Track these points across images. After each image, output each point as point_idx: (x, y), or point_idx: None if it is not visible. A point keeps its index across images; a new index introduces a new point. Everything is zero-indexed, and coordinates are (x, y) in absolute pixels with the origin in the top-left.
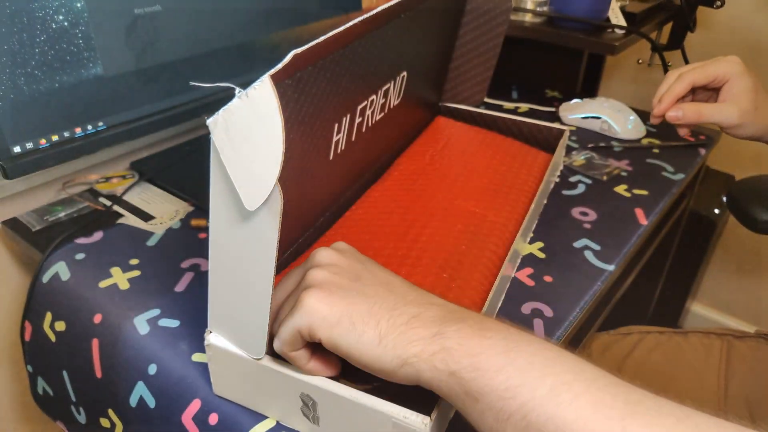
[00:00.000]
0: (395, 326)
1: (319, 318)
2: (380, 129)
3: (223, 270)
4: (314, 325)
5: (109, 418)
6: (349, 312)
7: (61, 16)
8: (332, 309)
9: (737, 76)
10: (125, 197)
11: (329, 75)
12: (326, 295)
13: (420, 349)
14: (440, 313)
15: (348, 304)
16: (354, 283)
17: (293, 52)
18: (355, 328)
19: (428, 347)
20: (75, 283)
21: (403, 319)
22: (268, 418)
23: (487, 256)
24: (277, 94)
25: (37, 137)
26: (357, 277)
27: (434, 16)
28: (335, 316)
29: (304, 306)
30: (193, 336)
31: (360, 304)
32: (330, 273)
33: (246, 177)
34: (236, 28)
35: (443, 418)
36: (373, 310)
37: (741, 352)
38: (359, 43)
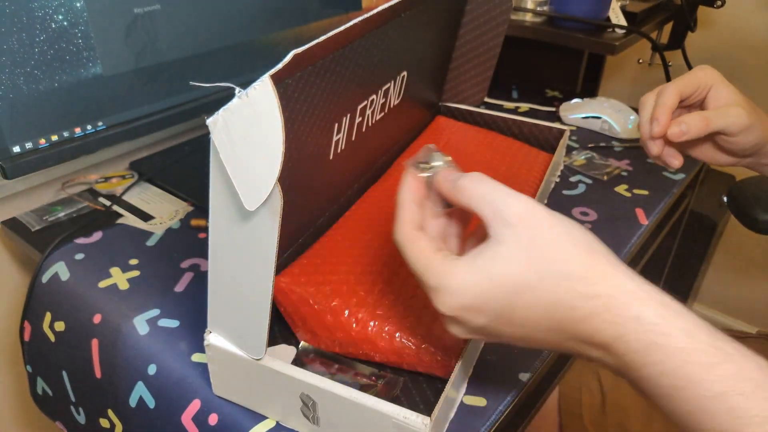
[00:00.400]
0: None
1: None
2: (380, 129)
3: (222, 270)
4: None
5: (109, 419)
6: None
7: (60, 16)
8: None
9: (720, 81)
10: (125, 197)
11: (329, 75)
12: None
13: None
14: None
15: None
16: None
17: (293, 52)
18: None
19: None
20: (74, 283)
21: None
22: (267, 418)
23: None
24: (277, 94)
25: (36, 137)
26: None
27: (434, 15)
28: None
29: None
30: (193, 336)
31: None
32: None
33: (246, 177)
34: (236, 28)
35: (443, 419)
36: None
37: None
38: (359, 43)
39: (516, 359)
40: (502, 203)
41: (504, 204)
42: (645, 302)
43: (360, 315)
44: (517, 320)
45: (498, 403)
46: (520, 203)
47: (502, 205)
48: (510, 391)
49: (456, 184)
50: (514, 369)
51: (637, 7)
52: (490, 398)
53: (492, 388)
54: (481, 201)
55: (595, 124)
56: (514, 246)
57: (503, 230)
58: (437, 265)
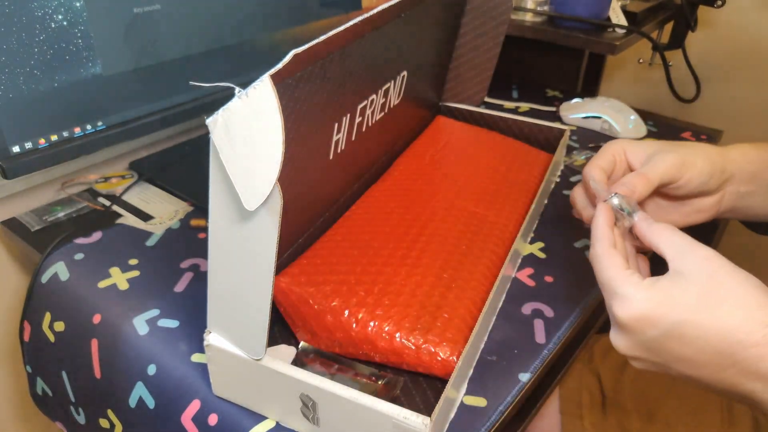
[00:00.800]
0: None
1: None
2: (380, 129)
3: (222, 270)
4: None
5: (109, 419)
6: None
7: (60, 16)
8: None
9: (629, 143)
10: (124, 197)
11: (329, 75)
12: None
13: None
14: None
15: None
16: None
17: (293, 52)
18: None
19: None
20: (74, 284)
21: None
22: (267, 418)
23: (487, 256)
24: (277, 93)
25: (36, 137)
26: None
27: (434, 15)
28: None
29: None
30: (193, 336)
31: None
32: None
33: (246, 177)
34: (236, 28)
35: (443, 419)
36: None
37: None
38: (359, 43)
39: (516, 360)
40: (688, 248)
41: (690, 248)
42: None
43: (360, 315)
44: (687, 338)
45: (498, 404)
46: (705, 250)
47: (688, 249)
48: (510, 392)
49: (652, 226)
50: (515, 369)
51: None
52: (490, 398)
53: (492, 389)
54: (669, 243)
55: (596, 123)
56: (694, 277)
57: (685, 264)
58: (626, 277)
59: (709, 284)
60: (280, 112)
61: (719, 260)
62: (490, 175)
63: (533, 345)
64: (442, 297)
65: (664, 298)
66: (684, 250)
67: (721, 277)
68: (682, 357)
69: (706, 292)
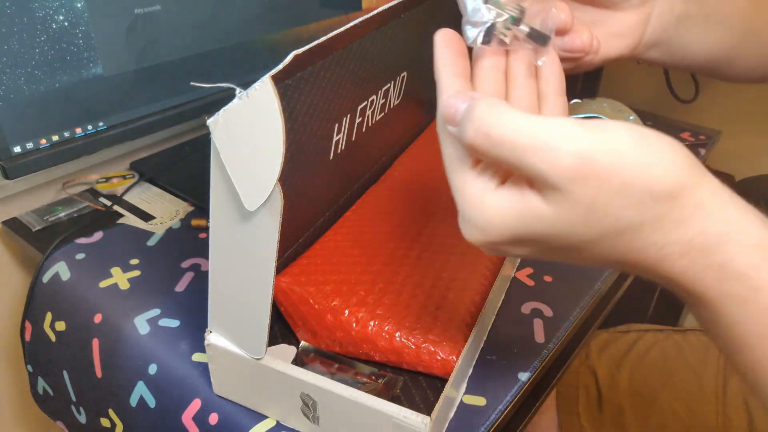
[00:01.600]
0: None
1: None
2: (380, 129)
3: (223, 270)
4: None
5: (110, 418)
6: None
7: (61, 16)
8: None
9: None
10: (125, 197)
11: (329, 75)
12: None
13: None
14: None
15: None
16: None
17: (294, 53)
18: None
19: None
20: (75, 283)
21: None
22: (268, 417)
23: (487, 255)
24: (278, 94)
25: (37, 137)
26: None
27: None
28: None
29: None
30: (194, 336)
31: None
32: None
33: (246, 177)
34: (236, 28)
35: (443, 418)
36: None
37: None
38: (359, 44)
39: (515, 359)
40: (548, 155)
41: (552, 156)
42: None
43: (360, 314)
44: (572, 248)
45: (498, 403)
46: (572, 155)
47: (547, 161)
48: (510, 391)
49: (491, 135)
50: (514, 368)
51: None
52: (489, 398)
53: (492, 388)
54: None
55: None
56: (564, 215)
57: (551, 194)
58: (471, 194)
59: (587, 221)
60: (281, 112)
61: (592, 174)
62: None
63: (533, 344)
64: (442, 297)
65: (522, 231)
66: (543, 171)
67: (602, 206)
68: (573, 257)
69: (582, 232)
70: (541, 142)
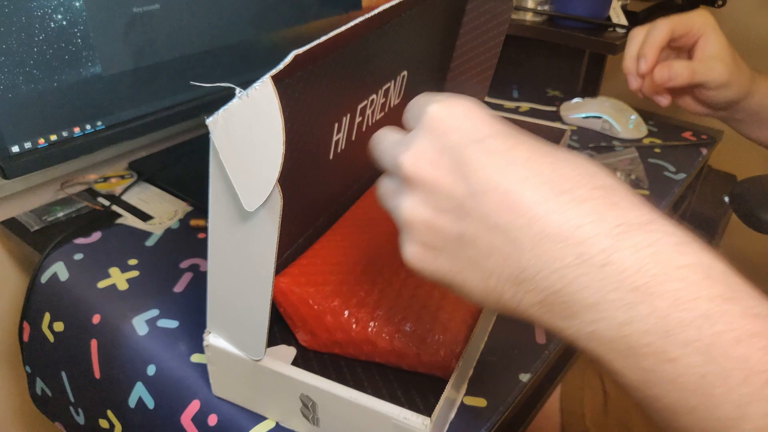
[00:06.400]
0: (525, 308)
1: (425, 273)
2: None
3: (222, 271)
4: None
5: (108, 419)
6: (460, 282)
7: (59, 15)
8: (437, 272)
9: (713, 29)
10: (124, 197)
11: (330, 74)
12: (427, 258)
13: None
14: (590, 290)
15: (456, 273)
16: (458, 233)
17: (294, 53)
18: (470, 294)
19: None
20: (73, 284)
21: (535, 299)
22: (267, 419)
23: None
24: (278, 94)
25: (35, 137)
26: (462, 215)
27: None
28: (443, 279)
29: (407, 261)
30: (192, 336)
31: (471, 276)
32: (425, 216)
33: (245, 177)
34: (236, 27)
35: (443, 419)
36: (489, 285)
37: None
38: (360, 43)
39: (516, 360)
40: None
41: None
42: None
43: (360, 315)
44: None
45: (498, 404)
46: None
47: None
48: (510, 392)
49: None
50: (515, 369)
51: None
52: (490, 399)
53: (492, 389)
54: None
55: (596, 123)
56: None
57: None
58: None
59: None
60: (281, 112)
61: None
62: None
63: (534, 345)
64: (443, 297)
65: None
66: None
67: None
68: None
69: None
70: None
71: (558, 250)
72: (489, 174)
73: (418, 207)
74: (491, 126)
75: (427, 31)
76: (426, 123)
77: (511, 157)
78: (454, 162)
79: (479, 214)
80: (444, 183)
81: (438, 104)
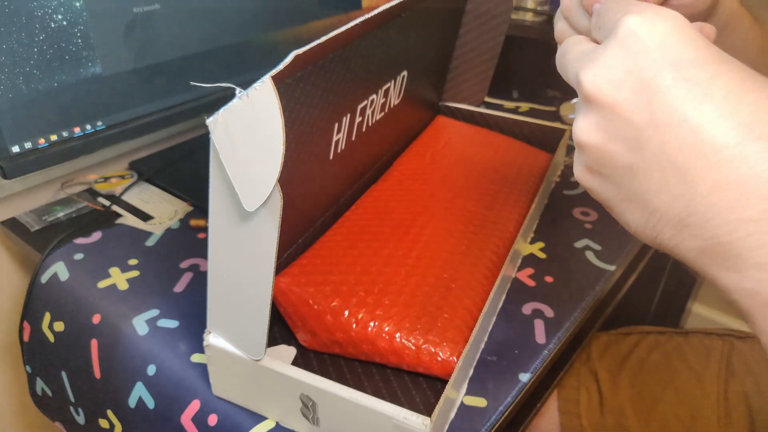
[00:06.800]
0: (681, 251)
1: (590, 193)
2: (380, 129)
3: (222, 271)
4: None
5: (108, 419)
6: (620, 211)
7: (59, 15)
8: (600, 195)
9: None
10: (124, 197)
11: (330, 74)
12: (593, 181)
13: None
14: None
15: (619, 202)
16: (629, 164)
17: (294, 53)
18: (627, 224)
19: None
20: (74, 284)
21: (695, 245)
22: (267, 418)
23: (487, 256)
24: (278, 94)
25: (35, 137)
26: (638, 146)
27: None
28: (605, 203)
29: (576, 178)
30: (193, 336)
31: (633, 208)
32: (597, 141)
33: (246, 177)
34: (236, 28)
35: (443, 419)
36: (650, 222)
37: (742, 352)
38: (360, 43)
39: (516, 360)
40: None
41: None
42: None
43: (360, 315)
44: None
45: (498, 404)
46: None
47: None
48: (510, 392)
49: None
50: (515, 369)
51: None
52: (490, 399)
53: (492, 389)
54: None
55: None
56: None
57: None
58: None
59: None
60: (281, 112)
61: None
62: (490, 175)
63: (533, 345)
64: (443, 297)
65: None
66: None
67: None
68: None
69: None
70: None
71: (740, 201)
72: (679, 105)
73: (591, 129)
74: (695, 49)
75: (427, 31)
76: (620, 36)
77: (709, 88)
78: (642, 85)
79: (657, 149)
80: (624, 108)
81: (639, 16)
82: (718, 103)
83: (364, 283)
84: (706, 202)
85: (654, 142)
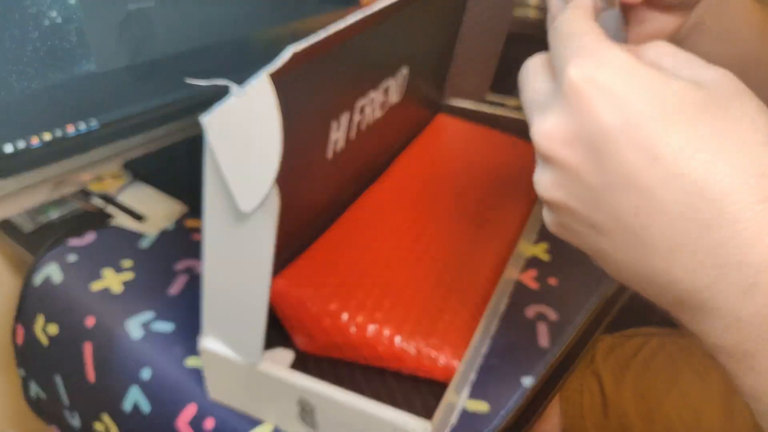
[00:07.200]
0: (656, 302)
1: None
2: (380, 127)
3: (217, 273)
4: None
5: (104, 423)
6: (598, 262)
7: (54, 12)
8: (576, 244)
9: None
10: (118, 198)
11: (328, 71)
12: (564, 233)
13: None
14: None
15: (592, 253)
16: (590, 223)
17: (292, 50)
18: (609, 274)
19: None
20: (67, 286)
21: (667, 301)
22: (265, 422)
23: (489, 257)
24: (275, 91)
25: (29, 136)
26: (595, 206)
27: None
28: (584, 251)
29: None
30: (188, 340)
31: (604, 263)
32: (558, 198)
33: (242, 177)
34: (232, 24)
35: (444, 424)
36: (621, 277)
37: None
38: (359, 40)
39: (519, 364)
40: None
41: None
42: None
43: (359, 318)
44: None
45: (500, 408)
46: (577, 68)
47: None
48: (513, 396)
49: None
50: (517, 373)
51: None
52: (492, 403)
53: (494, 393)
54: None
55: None
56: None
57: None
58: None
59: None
60: (279, 110)
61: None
62: (492, 174)
63: (537, 349)
64: (444, 300)
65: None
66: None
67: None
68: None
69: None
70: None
71: (696, 265)
72: (629, 169)
73: (550, 186)
74: (644, 99)
75: (428, 28)
76: (564, 91)
77: (658, 149)
78: (593, 148)
79: (613, 212)
80: (580, 170)
81: (578, 70)
82: (669, 163)
83: (364, 285)
84: (665, 265)
85: (609, 204)
